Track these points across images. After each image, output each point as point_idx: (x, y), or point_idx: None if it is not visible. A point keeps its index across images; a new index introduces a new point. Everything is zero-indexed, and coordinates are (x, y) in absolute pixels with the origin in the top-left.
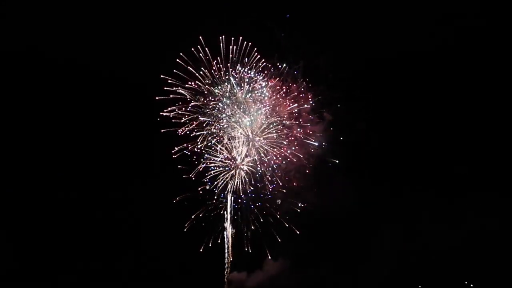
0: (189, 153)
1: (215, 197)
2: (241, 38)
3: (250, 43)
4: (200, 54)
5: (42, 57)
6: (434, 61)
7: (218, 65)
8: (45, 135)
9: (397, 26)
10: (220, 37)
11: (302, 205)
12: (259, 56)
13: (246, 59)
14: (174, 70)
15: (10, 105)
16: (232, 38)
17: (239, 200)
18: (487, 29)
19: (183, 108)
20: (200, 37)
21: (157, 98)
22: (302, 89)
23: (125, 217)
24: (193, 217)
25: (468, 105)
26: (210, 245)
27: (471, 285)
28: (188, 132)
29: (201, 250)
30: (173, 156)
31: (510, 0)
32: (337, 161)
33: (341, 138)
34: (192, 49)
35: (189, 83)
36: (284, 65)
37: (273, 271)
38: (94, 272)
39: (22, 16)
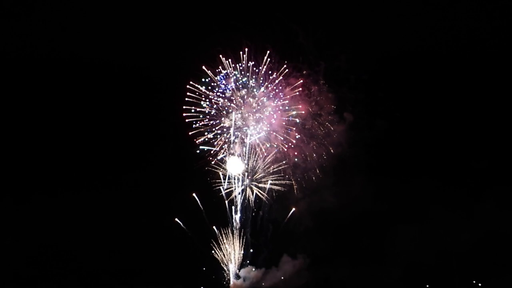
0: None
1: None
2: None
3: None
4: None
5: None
6: (455, 59)
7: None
8: (45, 135)
9: (417, 25)
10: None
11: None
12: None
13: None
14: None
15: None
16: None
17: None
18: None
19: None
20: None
21: None
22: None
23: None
24: None
25: (488, 101)
26: None
27: (479, 285)
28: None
29: None
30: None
31: None
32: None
33: (361, 138)
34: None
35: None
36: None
37: (290, 269)
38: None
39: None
